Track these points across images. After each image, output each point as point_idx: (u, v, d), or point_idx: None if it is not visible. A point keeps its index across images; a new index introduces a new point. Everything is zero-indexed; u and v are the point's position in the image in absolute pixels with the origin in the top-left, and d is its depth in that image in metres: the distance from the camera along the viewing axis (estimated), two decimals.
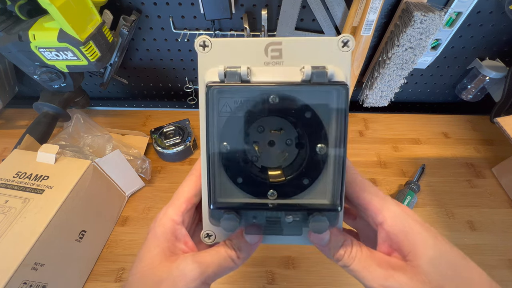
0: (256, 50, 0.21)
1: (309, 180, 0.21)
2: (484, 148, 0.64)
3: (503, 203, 0.55)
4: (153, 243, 0.22)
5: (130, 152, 0.59)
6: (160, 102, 0.79)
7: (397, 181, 0.59)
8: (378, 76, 0.59)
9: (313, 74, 0.19)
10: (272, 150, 0.22)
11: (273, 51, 0.21)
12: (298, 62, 0.20)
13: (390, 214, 0.21)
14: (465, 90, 0.68)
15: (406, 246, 0.20)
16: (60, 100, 0.59)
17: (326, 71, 0.19)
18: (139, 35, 0.62)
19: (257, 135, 0.22)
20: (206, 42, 0.21)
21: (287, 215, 0.21)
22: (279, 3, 0.54)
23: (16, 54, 0.49)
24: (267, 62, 0.21)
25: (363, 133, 0.69)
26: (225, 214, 0.21)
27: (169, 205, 0.24)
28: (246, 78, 0.20)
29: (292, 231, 0.22)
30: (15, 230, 0.37)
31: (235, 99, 0.20)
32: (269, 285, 0.45)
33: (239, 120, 0.20)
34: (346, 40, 0.20)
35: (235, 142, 0.21)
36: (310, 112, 0.20)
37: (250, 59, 0.21)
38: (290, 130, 0.22)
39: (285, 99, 0.20)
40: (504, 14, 0.55)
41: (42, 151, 0.46)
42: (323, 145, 0.20)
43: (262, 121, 0.21)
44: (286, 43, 0.21)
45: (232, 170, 0.21)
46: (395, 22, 0.54)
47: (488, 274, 0.20)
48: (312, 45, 0.21)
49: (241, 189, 0.22)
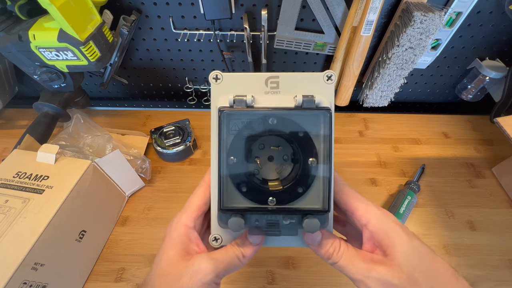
0: (258, 82, 0.26)
1: (303, 189, 0.25)
2: (484, 148, 0.64)
3: (503, 203, 0.55)
4: (170, 245, 0.26)
5: (130, 152, 0.59)
6: (160, 102, 0.79)
7: (397, 181, 0.59)
8: (378, 76, 0.59)
9: (303, 101, 0.24)
10: (271, 164, 0.27)
11: (272, 83, 0.26)
12: (292, 92, 0.25)
13: (373, 216, 0.25)
14: (465, 90, 0.68)
15: (385, 243, 0.24)
16: (60, 100, 0.59)
17: (314, 99, 0.24)
18: (139, 35, 0.62)
19: (259, 151, 0.26)
20: (218, 76, 0.26)
21: (285, 218, 0.25)
22: (279, 3, 0.54)
23: (16, 54, 0.49)
24: (267, 92, 0.26)
25: (363, 133, 0.69)
26: (232, 216, 0.24)
27: (182, 212, 0.27)
28: (250, 104, 0.24)
29: (289, 232, 0.25)
30: (15, 230, 0.37)
31: (242, 121, 0.25)
32: (269, 285, 0.45)
33: (244, 138, 0.25)
34: (330, 75, 0.26)
35: (241, 156, 0.25)
36: (302, 131, 0.24)
37: (254, 89, 0.26)
38: (287, 147, 0.26)
39: (281, 121, 0.24)
40: (504, 14, 0.55)
41: (42, 151, 0.46)
42: (314, 159, 0.25)
43: (263, 140, 0.26)
44: (283, 77, 0.26)
45: (238, 180, 0.25)
46: (395, 22, 0.54)
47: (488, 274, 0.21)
48: (303, 78, 0.26)
49: (245, 197, 0.25)
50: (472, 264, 0.47)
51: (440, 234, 0.51)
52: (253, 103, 0.25)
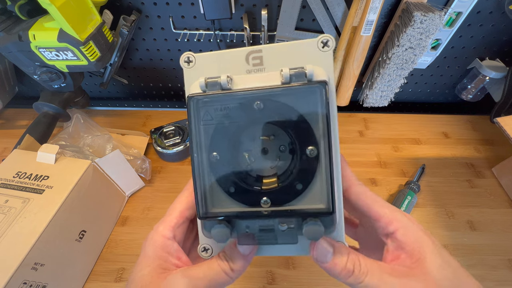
0: (238, 59, 0.22)
1: (302, 185, 0.20)
2: (484, 148, 0.64)
3: (503, 203, 0.55)
4: (144, 263, 0.22)
5: (130, 152, 0.59)
6: (160, 102, 0.79)
7: (397, 181, 0.59)
8: (378, 76, 0.59)
9: (292, 75, 0.19)
10: (266, 157, 0.22)
11: (254, 59, 0.21)
12: (279, 67, 0.20)
13: (401, 224, 0.22)
14: (465, 90, 0.68)
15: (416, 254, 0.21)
16: (60, 100, 0.59)
17: (304, 71, 0.19)
18: (139, 35, 0.62)
19: (247, 143, 0.21)
20: (190, 58, 0.22)
21: (281, 222, 0.21)
22: (279, 3, 0.54)
23: (16, 54, 0.49)
24: (249, 70, 0.22)
25: (363, 133, 0.69)
26: (216, 224, 0.21)
27: (160, 222, 0.24)
28: (226, 87, 0.20)
29: (287, 239, 0.21)
30: (15, 230, 0.37)
31: (220, 109, 0.20)
32: (269, 285, 0.45)
33: (227, 129, 0.20)
34: (326, 40, 0.20)
35: (225, 152, 0.21)
36: (295, 114, 0.20)
37: (233, 69, 0.22)
38: (282, 136, 0.21)
39: (269, 104, 0.20)
40: (504, 14, 0.55)
41: (42, 151, 0.46)
42: (313, 147, 0.20)
43: (251, 129, 0.21)
44: (266, 49, 0.21)
45: (223, 179, 0.21)
46: (395, 22, 0.54)
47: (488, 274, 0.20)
48: (293, 49, 0.21)
49: (233, 199, 0.21)
50: (472, 264, 0.47)
51: (440, 234, 0.51)
52: (230, 85, 0.20)
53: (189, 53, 0.22)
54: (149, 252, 0.22)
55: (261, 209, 0.21)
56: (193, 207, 0.24)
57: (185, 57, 0.22)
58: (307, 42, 0.21)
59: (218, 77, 0.20)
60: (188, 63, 0.22)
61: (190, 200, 0.24)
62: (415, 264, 0.21)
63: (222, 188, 0.21)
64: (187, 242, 0.25)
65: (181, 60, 0.22)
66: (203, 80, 0.20)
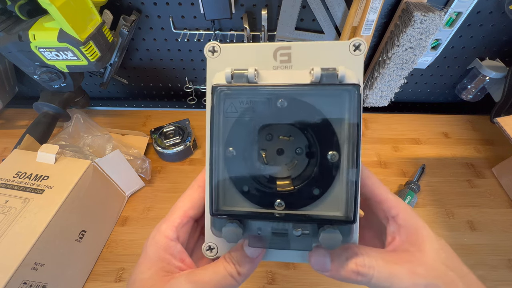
0: (265, 54, 0.21)
1: (320, 190, 0.20)
2: (484, 148, 0.64)
3: (503, 203, 0.55)
4: (145, 265, 0.21)
5: (130, 152, 0.59)
6: (160, 102, 0.79)
7: (397, 181, 0.59)
8: (378, 76, 0.59)
9: (323, 75, 0.19)
10: (281, 158, 0.21)
11: (282, 56, 0.21)
12: (307, 66, 0.20)
13: (403, 209, 0.22)
14: (465, 90, 0.68)
15: (414, 239, 0.21)
16: (60, 100, 0.59)
17: (336, 72, 0.18)
18: (139, 35, 0.62)
19: (265, 142, 0.21)
20: (215, 48, 0.21)
21: (296, 227, 0.20)
22: (279, 3, 0.54)
23: (16, 54, 0.49)
24: (276, 66, 0.21)
25: (363, 133, 0.69)
26: (228, 223, 0.20)
27: (162, 221, 0.23)
28: (253, 80, 0.19)
29: (301, 246, 0.20)
30: (15, 230, 0.37)
31: (242, 102, 0.20)
32: (269, 285, 0.45)
33: (246, 125, 0.20)
34: (358, 43, 0.20)
35: (242, 148, 0.20)
36: (320, 116, 0.19)
37: (259, 63, 0.21)
38: (300, 138, 0.21)
39: (293, 103, 0.19)
40: (504, 14, 0.55)
41: (42, 151, 0.46)
42: (335, 152, 0.19)
43: (271, 128, 0.20)
44: (296, 47, 0.21)
45: (237, 177, 0.20)
46: (395, 22, 0.54)
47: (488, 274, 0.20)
48: (323, 49, 0.20)
49: (246, 198, 0.20)
50: (472, 264, 0.47)
51: (440, 234, 0.50)
52: (257, 79, 0.19)
53: (214, 43, 0.21)
54: (150, 254, 0.21)
55: (274, 211, 0.20)
56: (197, 207, 0.23)
57: (210, 46, 0.21)
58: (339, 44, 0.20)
59: (245, 69, 0.19)
60: (213, 52, 0.21)
61: (194, 199, 0.23)
62: (414, 247, 0.21)
63: (235, 186, 0.20)
64: (190, 243, 0.24)
65: (206, 49, 0.21)
66: (229, 71, 0.19)
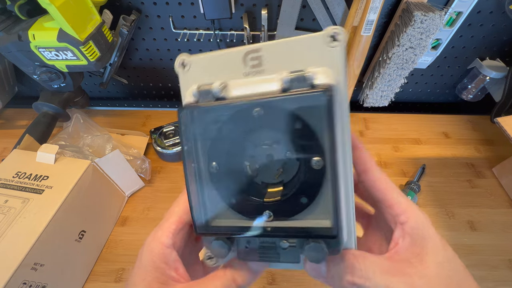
0: (234, 61, 0.19)
1: (307, 199, 0.18)
2: (484, 148, 0.64)
3: (503, 203, 0.55)
4: (139, 275, 0.20)
5: (130, 152, 0.59)
6: (160, 102, 0.79)
7: (397, 181, 0.59)
8: (379, 76, 0.59)
9: (292, 80, 0.17)
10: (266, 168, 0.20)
11: (253, 60, 0.19)
12: (280, 68, 0.18)
13: (413, 216, 0.21)
14: (465, 90, 0.68)
15: (418, 250, 0.21)
16: (60, 100, 0.59)
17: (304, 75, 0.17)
18: (139, 35, 0.62)
19: (248, 153, 0.19)
20: (185, 61, 0.20)
21: (283, 240, 0.19)
22: (279, 3, 0.54)
23: (15, 54, 0.49)
24: (246, 73, 0.19)
25: (363, 133, 0.69)
26: (214, 240, 0.19)
27: (158, 227, 0.22)
28: (219, 96, 0.18)
29: (289, 258, 0.19)
30: (15, 230, 0.37)
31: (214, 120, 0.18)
32: (269, 285, 0.45)
33: (225, 139, 0.19)
34: (334, 33, 0.17)
35: (224, 161, 0.19)
36: (299, 121, 0.17)
37: (230, 72, 0.19)
38: (283, 145, 0.19)
39: (269, 111, 0.17)
40: (505, 14, 0.55)
41: (42, 151, 0.46)
42: (319, 158, 0.17)
43: (252, 137, 0.19)
44: (266, 48, 0.19)
45: (223, 191, 0.20)
46: (396, 22, 0.54)
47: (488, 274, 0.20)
48: (296, 47, 0.18)
49: (232, 212, 0.20)
50: (472, 264, 0.47)
51: (440, 234, 0.50)
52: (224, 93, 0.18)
53: (184, 56, 0.20)
54: (145, 262, 0.20)
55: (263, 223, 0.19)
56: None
57: (180, 60, 0.20)
58: (312, 37, 0.18)
59: (210, 84, 0.18)
60: (183, 66, 0.20)
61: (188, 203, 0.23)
62: (416, 259, 0.20)
63: (220, 200, 0.20)
64: (185, 248, 0.24)
65: (176, 63, 0.20)
66: (195, 88, 0.18)
